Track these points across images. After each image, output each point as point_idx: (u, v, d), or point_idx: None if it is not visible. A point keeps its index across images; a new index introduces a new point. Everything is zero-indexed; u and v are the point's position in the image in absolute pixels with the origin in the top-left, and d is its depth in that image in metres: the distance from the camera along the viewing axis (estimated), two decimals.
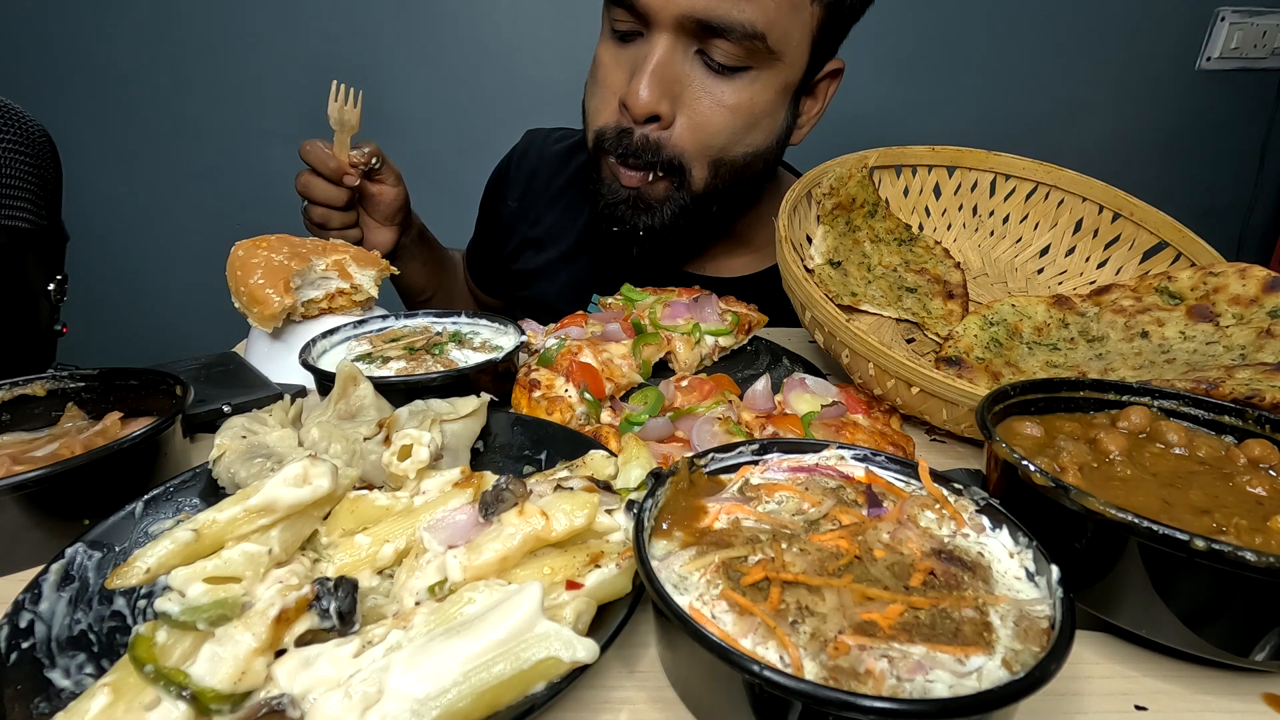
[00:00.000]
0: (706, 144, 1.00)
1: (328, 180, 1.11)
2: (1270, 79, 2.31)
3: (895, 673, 0.37)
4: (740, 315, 0.98)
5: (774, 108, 1.02)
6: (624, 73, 1.00)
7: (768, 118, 1.02)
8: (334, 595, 0.43)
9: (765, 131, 1.03)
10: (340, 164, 1.10)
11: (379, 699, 0.38)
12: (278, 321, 0.89)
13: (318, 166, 1.10)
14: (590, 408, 0.77)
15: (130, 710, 0.39)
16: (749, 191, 1.13)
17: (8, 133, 1.06)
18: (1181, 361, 0.78)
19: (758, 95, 0.98)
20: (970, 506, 0.50)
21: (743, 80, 0.97)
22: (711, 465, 0.55)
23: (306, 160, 1.11)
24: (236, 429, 0.64)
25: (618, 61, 1.01)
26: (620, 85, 1.00)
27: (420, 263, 1.36)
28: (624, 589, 0.48)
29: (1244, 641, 0.44)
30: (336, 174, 1.10)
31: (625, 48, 1.01)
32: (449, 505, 0.53)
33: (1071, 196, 1.05)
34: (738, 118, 0.99)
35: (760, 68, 0.97)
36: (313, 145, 1.10)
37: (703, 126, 0.99)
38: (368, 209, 1.19)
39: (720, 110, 0.98)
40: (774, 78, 0.98)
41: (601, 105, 1.05)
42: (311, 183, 1.12)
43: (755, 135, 1.03)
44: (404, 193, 1.21)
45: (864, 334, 0.74)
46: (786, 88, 1.01)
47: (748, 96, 0.98)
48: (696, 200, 1.06)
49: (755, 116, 1.00)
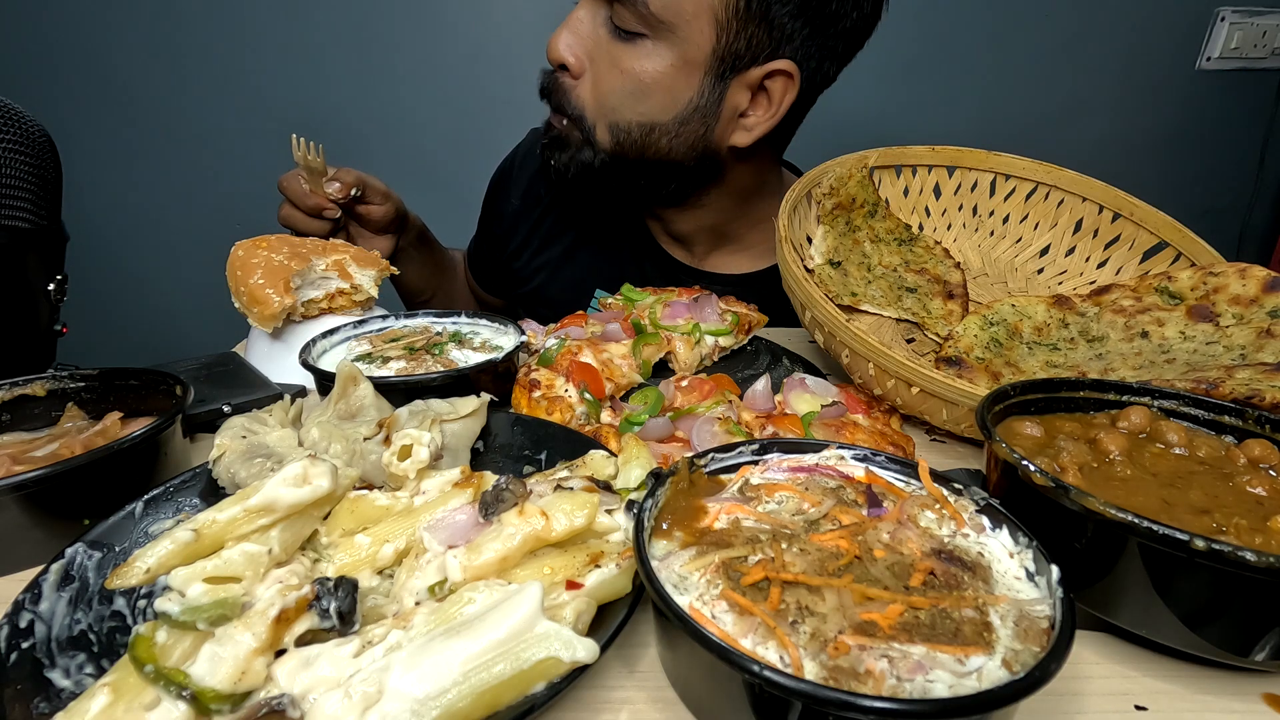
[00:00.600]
0: (601, 102, 1.06)
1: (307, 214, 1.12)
2: (1270, 79, 2.31)
3: (895, 673, 0.37)
4: (740, 315, 0.98)
5: (670, 81, 1.03)
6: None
7: (663, 91, 1.03)
8: (334, 595, 0.43)
9: (660, 104, 1.04)
10: (318, 202, 1.11)
11: (379, 699, 0.38)
12: (278, 321, 0.89)
13: (296, 203, 1.12)
14: (590, 408, 0.77)
15: (130, 710, 0.39)
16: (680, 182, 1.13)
17: (8, 133, 1.06)
18: (1181, 361, 0.78)
19: (649, 64, 1.02)
20: (970, 506, 0.50)
21: (639, 47, 1.01)
22: (711, 465, 0.55)
23: (285, 195, 1.13)
24: (236, 429, 0.64)
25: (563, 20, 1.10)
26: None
27: (419, 265, 1.37)
28: (624, 589, 0.48)
29: (1244, 641, 0.44)
30: (315, 210, 1.12)
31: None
32: (449, 505, 0.53)
33: (1071, 196, 1.05)
34: (628, 82, 1.03)
35: (656, 37, 1.00)
36: (290, 180, 1.12)
37: (598, 84, 1.05)
38: (359, 224, 1.21)
39: (614, 72, 1.03)
40: (669, 49, 1.00)
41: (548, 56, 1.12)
42: (292, 216, 1.14)
43: (648, 104, 1.04)
44: (394, 207, 1.22)
45: (864, 334, 0.74)
46: (687, 64, 1.01)
47: (640, 63, 1.02)
48: (607, 163, 1.10)
49: (646, 85, 1.03)
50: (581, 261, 1.33)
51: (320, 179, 1.11)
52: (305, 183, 1.10)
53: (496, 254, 1.43)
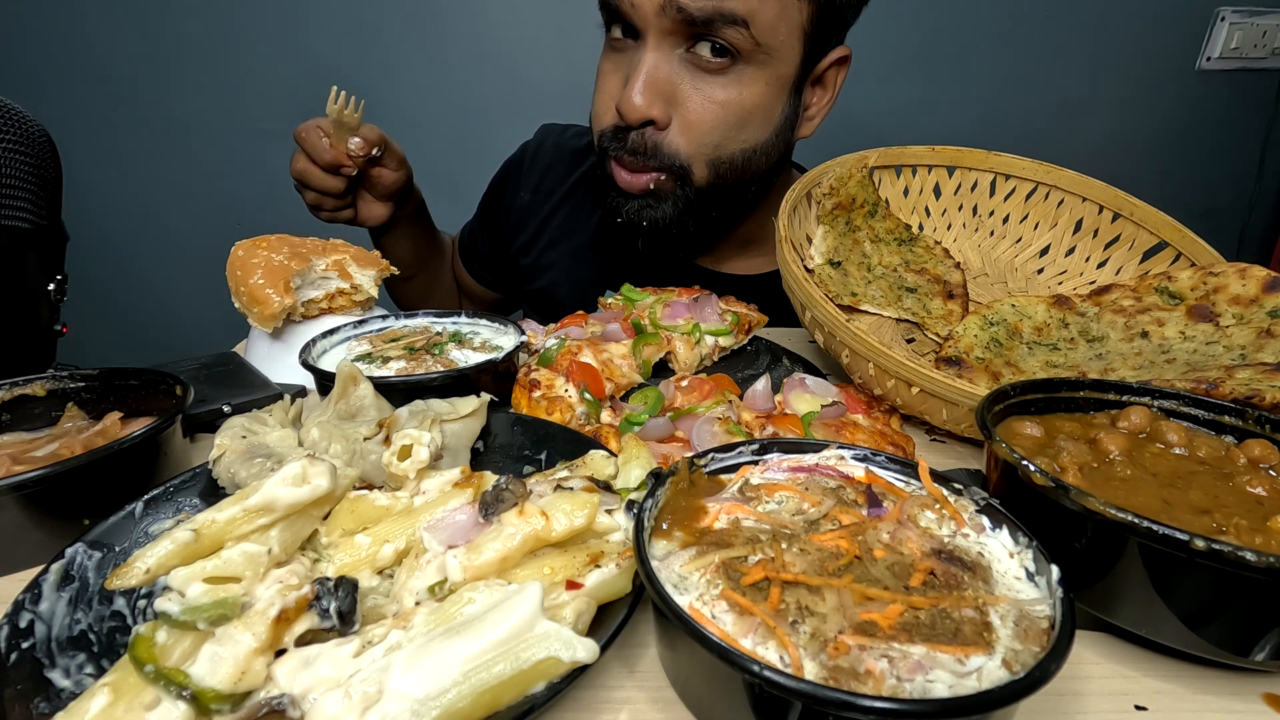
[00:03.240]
0: (701, 142, 1.01)
1: (324, 169, 1.09)
2: (1270, 79, 2.31)
3: (895, 673, 0.37)
4: (740, 315, 0.98)
5: (767, 102, 1.02)
6: (620, 79, 1.02)
7: (761, 112, 1.02)
8: (334, 595, 0.43)
9: (760, 126, 1.04)
10: (337, 155, 1.08)
11: (379, 699, 0.38)
12: (278, 321, 0.89)
13: (313, 156, 1.08)
14: (590, 408, 0.77)
15: (130, 710, 0.39)
16: (758, 187, 1.12)
17: (8, 133, 1.07)
18: (1181, 361, 0.78)
19: (747, 91, 0.99)
20: (970, 506, 0.50)
21: (731, 76, 0.98)
22: (711, 465, 0.55)
23: (303, 147, 1.09)
24: (236, 429, 0.64)
25: (614, 68, 1.04)
26: (617, 91, 1.01)
27: (411, 240, 1.34)
28: (624, 589, 0.48)
29: (1244, 641, 0.44)
30: (332, 165, 1.08)
31: (621, 55, 1.03)
32: (449, 505, 0.53)
33: (1071, 196, 1.05)
34: (729, 113, 1.00)
35: (748, 61, 0.97)
36: (308, 131, 1.07)
37: (696, 125, 1.00)
38: (365, 185, 1.18)
39: (711, 107, 0.99)
40: (763, 72, 0.99)
41: (602, 111, 1.06)
42: (308, 171, 1.10)
43: (750, 131, 1.03)
44: (405, 175, 1.20)
45: (864, 334, 0.74)
46: (780, 81, 1.01)
47: (737, 92, 0.99)
48: (700, 195, 1.06)
49: (747, 112, 1.01)
50: (592, 261, 1.31)
51: (345, 134, 1.07)
52: (325, 136, 1.07)
53: (501, 248, 1.41)
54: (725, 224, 1.17)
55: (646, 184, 1.04)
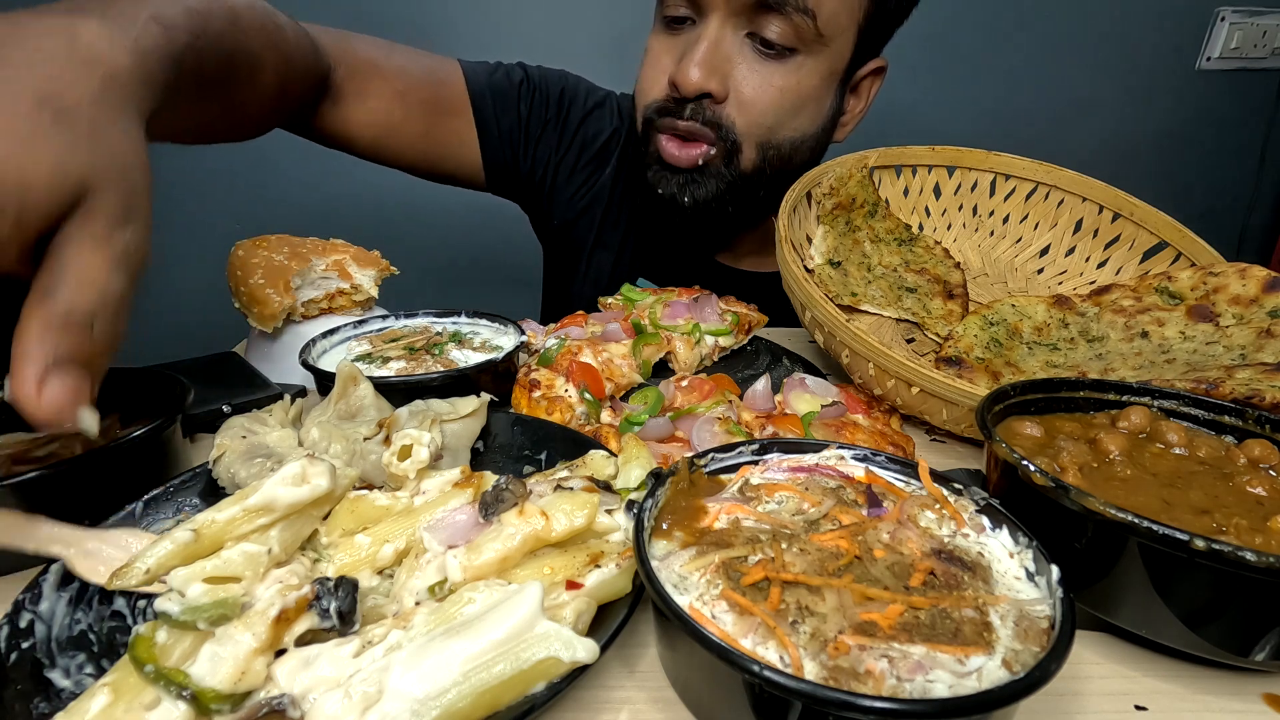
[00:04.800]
0: (756, 122, 1.02)
1: None
2: (1270, 79, 2.31)
3: (895, 673, 0.37)
4: (740, 315, 0.98)
5: (820, 93, 1.03)
6: (673, 57, 1.02)
7: (814, 103, 1.03)
8: (334, 595, 0.43)
9: (811, 117, 1.05)
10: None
11: (379, 699, 0.38)
12: (278, 321, 0.89)
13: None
14: (590, 408, 0.77)
15: (130, 710, 0.39)
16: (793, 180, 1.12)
17: None
18: (1181, 361, 0.78)
19: (805, 79, 1.00)
20: (970, 506, 0.50)
21: (791, 63, 0.99)
22: (711, 465, 0.55)
23: None
24: (236, 429, 0.64)
25: (667, 48, 1.04)
26: (669, 68, 1.02)
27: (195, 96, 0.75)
28: (624, 589, 0.48)
29: (1244, 641, 0.44)
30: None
31: (675, 34, 1.03)
32: (449, 505, 0.53)
33: (1071, 196, 1.05)
34: (786, 99, 1.01)
35: (807, 52, 0.99)
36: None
37: (753, 104, 1.01)
38: None
39: (770, 90, 1.00)
40: (820, 62, 1.00)
41: (650, 85, 1.06)
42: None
43: (802, 119, 1.04)
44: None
45: (864, 334, 0.74)
46: (832, 74, 1.03)
47: (795, 80, 1.00)
48: (744, 180, 1.06)
49: (803, 99, 1.02)
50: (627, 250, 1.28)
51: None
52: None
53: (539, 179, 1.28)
54: (752, 218, 1.17)
55: (696, 158, 1.04)
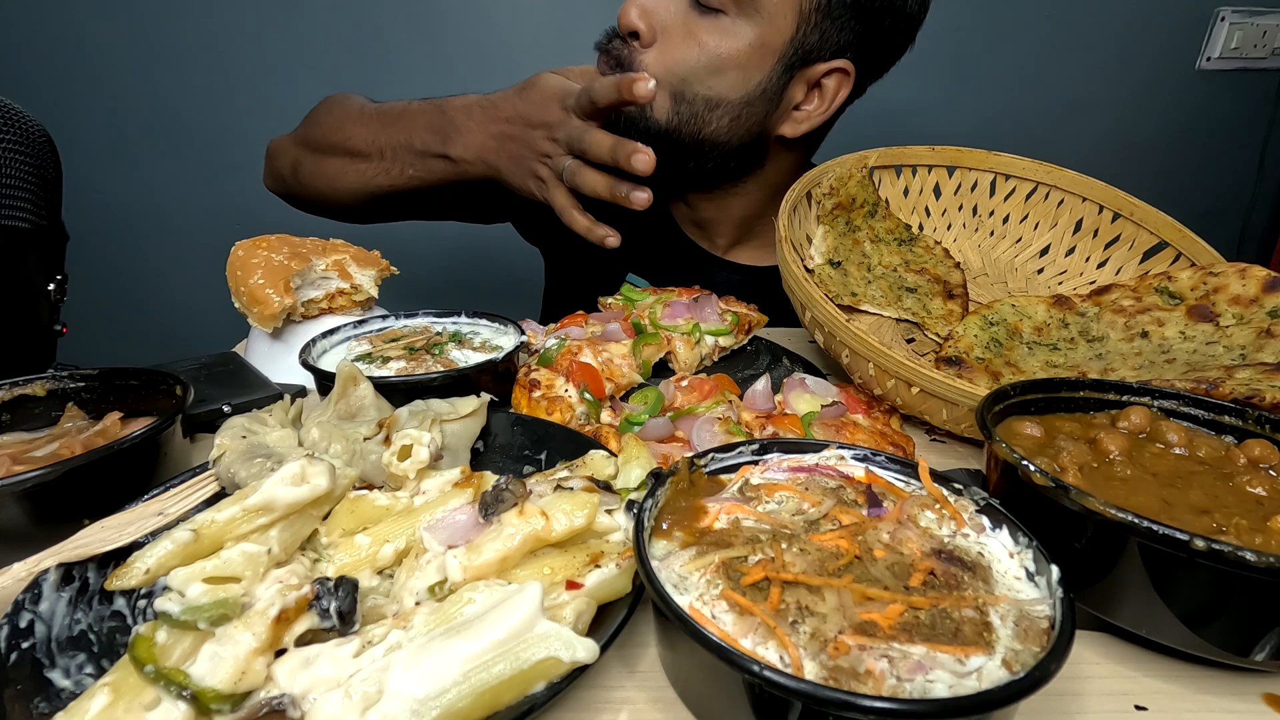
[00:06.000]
0: (670, 70, 1.04)
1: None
2: (1270, 79, 2.31)
3: (895, 673, 0.37)
4: (740, 315, 0.98)
5: (746, 61, 1.04)
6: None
7: (737, 69, 1.04)
8: (334, 595, 0.43)
9: (731, 83, 1.05)
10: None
11: (379, 699, 0.38)
12: (278, 321, 0.89)
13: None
14: (590, 408, 0.77)
15: (130, 710, 0.39)
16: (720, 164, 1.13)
17: (8, 133, 1.07)
18: (1181, 361, 0.78)
19: (728, 41, 1.02)
20: (970, 506, 0.50)
21: (719, 22, 1.02)
22: (711, 465, 0.55)
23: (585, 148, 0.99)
24: (236, 429, 0.64)
25: None
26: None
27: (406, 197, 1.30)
28: (624, 589, 0.48)
29: (1244, 641, 0.44)
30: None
31: None
32: (449, 505, 0.53)
33: (1071, 196, 1.05)
34: (704, 55, 1.03)
35: (737, 15, 1.01)
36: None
37: (670, 52, 1.04)
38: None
39: (690, 44, 1.03)
40: (750, 29, 1.02)
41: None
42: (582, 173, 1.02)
43: (720, 82, 1.05)
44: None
45: (864, 334, 0.73)
46: (765, 48, 1.03)
47: (717, 39, 1.02)
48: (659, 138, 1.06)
49: (722, 60, 1.03)
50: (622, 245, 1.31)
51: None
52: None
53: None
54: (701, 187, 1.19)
55: None
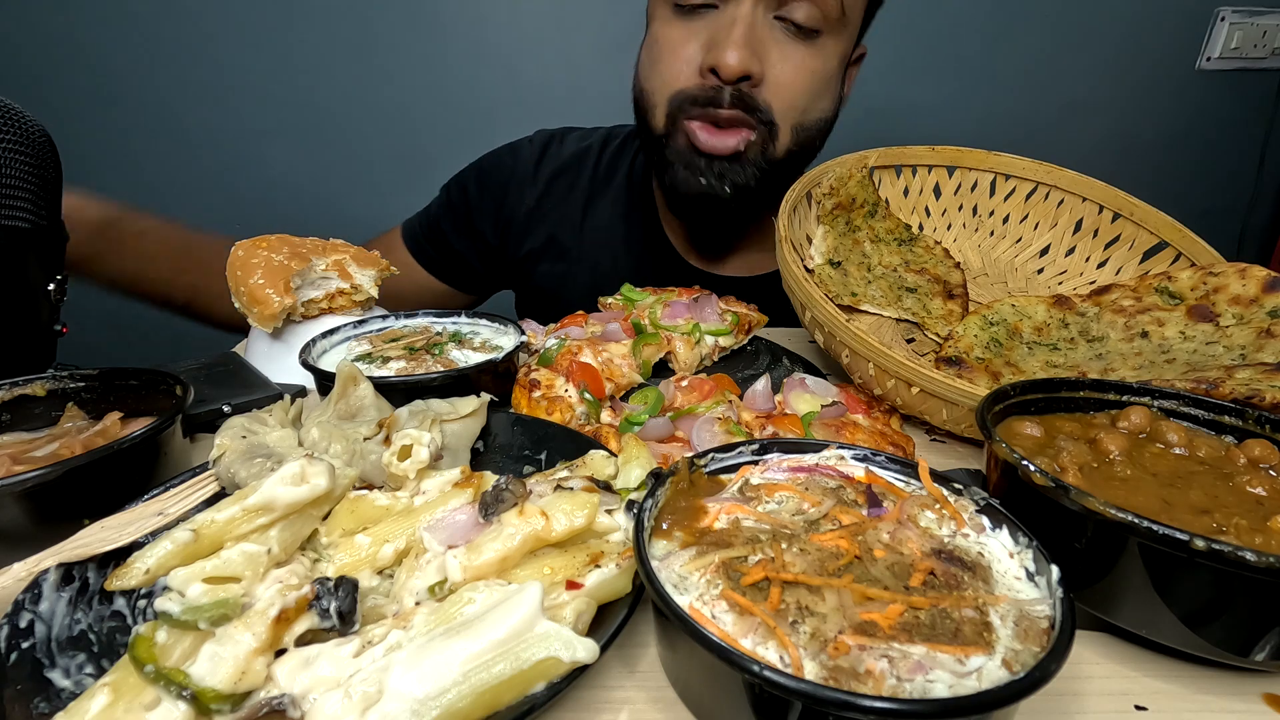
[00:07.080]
0: (792, 104, 1.01)
1: None
2: (1270, 79, 2.31)
3: (895, 673, 0.37)
4: (740, 315, 0.98)
5: (837, 75, 1.04)
6: (697, 43, 1.00)
7: (835, 85, 1.04)
8: (334, 595, 0.43)
9: (832, 99, 1.05)
10: None
11: (379, 699, 0.38)
12: (278, 321, 0.89)
13: None
14: (590, 408, 0.77)
15: (130, 710, 0.39)
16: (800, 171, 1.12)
17: (8, 133, 1.06)
18: (1181, 361, 0.78)
19: (828, 61, 1.01)
20: (970, 506, 0.50)
21: (817, 44, 1.00)
22: (711, 465, 0.55)
23: None
24: (236, 429, 0.64)
25: (687, 35, 1.01)
26: (694, 56, 1.00)
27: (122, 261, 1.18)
28: (624, 589, 0.48)
29: (1244, 641, 0.44)
30: None
31: (694, 20, 1.01)
32: (449, 505, 0.53)
33: (1071, 196, 1.05)
34: (815, 81, 1.01)
35: (829, 33, 0.99)
36: None
37: (788, 86, 1.00)
38: None
39: (803, 72, 1.00)
40: (840, 44, 1.01)
41: (673, 76, 1.03)
42: None
43: (825, 102, 1.04)
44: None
45: (864, 334, 0.73)
46: (844, 57, 1.03)
47: (821, 61, 1.00)
48: (775, 165, 1.05)
49: (827, 81, 1.02)
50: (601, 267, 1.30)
51: None
52: None
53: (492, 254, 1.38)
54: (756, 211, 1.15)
55: (736, 145, 1.02)
